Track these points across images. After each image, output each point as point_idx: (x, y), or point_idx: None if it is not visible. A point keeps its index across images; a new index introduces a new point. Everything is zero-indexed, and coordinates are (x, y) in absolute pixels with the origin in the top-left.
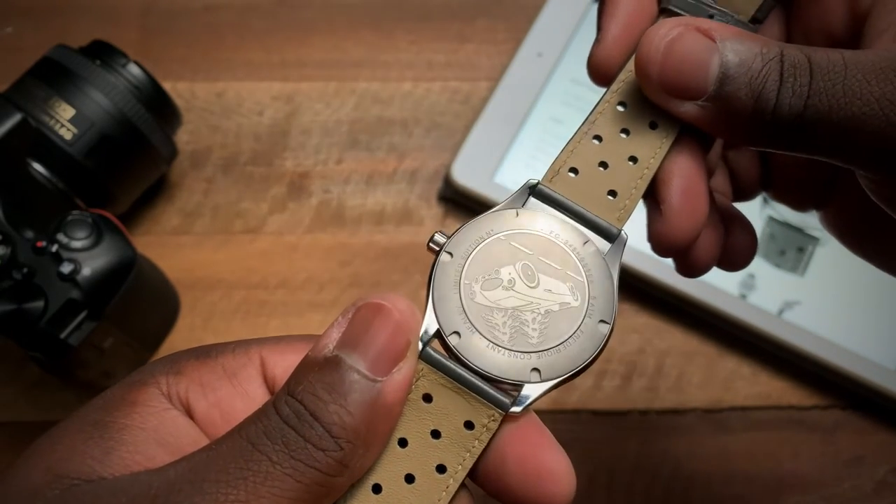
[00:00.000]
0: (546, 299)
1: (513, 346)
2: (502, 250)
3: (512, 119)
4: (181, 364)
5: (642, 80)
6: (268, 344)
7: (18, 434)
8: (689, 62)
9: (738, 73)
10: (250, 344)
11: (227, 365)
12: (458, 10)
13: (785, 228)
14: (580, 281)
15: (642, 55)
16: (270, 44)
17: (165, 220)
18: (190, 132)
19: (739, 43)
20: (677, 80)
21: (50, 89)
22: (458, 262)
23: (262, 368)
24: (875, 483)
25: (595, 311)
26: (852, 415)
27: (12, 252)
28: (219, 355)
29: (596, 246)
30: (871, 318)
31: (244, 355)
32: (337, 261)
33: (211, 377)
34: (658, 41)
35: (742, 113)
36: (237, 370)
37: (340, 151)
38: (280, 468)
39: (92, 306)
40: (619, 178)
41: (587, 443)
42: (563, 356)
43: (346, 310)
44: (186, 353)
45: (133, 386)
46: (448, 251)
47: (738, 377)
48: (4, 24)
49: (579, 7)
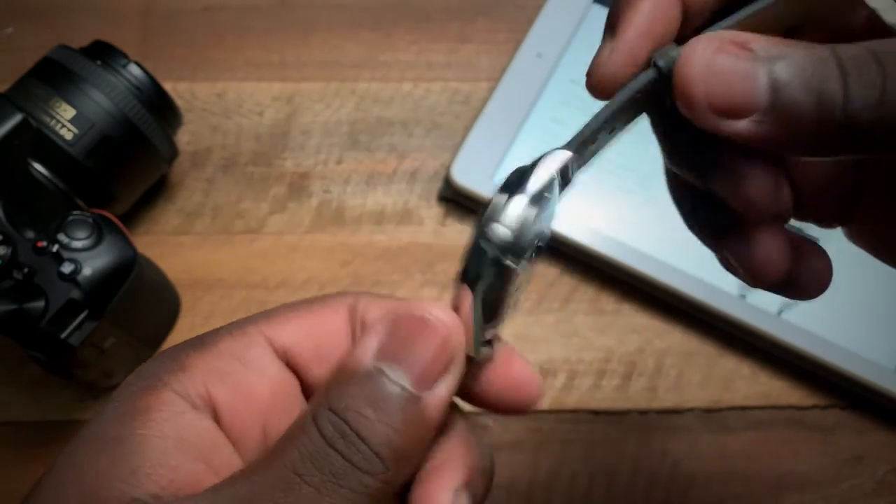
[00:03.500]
0: None
1: None
2: None
3: (512, 119)
4: (183, 359)
5: (687, 104)
6: (262, 321)
7: (18, 434)
8: (736, 76)
9: (792, 77)
10: (243, 325)
11: (231, 349)
12: (458, 10)
13: None
14: None
15: (682, 77)
16: (271, 44)
17: (166, 221)
18: (190, 132)
19: (783, 48)
20: (726, 98)
21: (50, 89)
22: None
23: (268, 344)
24: (875, 483)
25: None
26: (852, 414)
27: (13, 252)
28: (218, 341)
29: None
30: (871, 317)
31: (244, 336)
32: (337, 261)
33: (220, 363)
34: (698, 59)
35: (804, 119)
36: (243, 352)
37: (340, 152)
38: (328, 499)
39: (92, 306)
40: None
41: (586, 443)
42: None
43: (383, 317)
44: (182, 348)
45: (143, 392)
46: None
47: (737, 377)
48: (5, 25)
49: (579, 7)
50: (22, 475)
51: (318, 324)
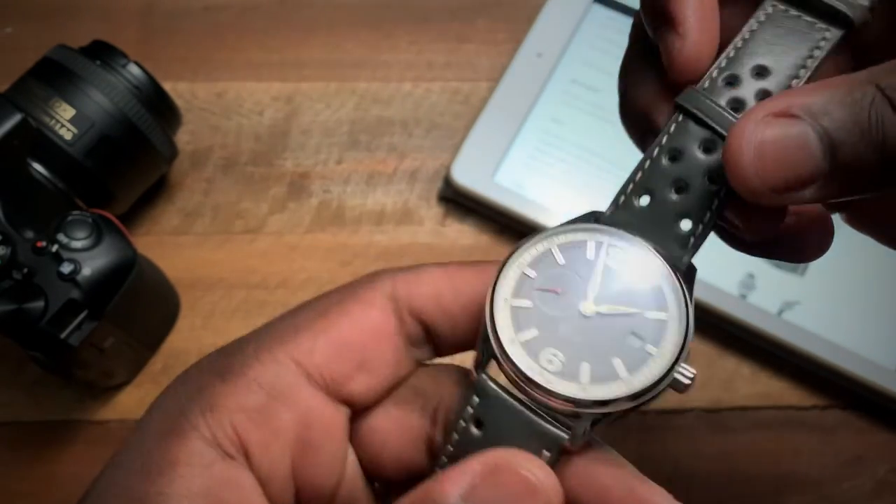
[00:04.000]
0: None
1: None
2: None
3: (512, 119)
4: (209, 393)
5: (745, 191)
6: (290, 339)
7: (18, 434)
8: (788, 153)
9: (845, 134)
10: (271, 345)
11: (261, 378)
12: (458, 10)
13: None
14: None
15: (734, 168)
16: (271, 44)
17: (165, 221)
18: (190, 132)
19: (824, 100)
20: (785, 178)
21: (50, 89)
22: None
23: (300, 370)
24: (875, 483)
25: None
26: (852, 415)
27: (12, 252)
28: (247, 369)
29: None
30: (871, 318)
31: (274, 363)
32: (337, 261)
33: (249, 398)
34: (746, 145)
35: (869, 170)
36: (274, 382)
37: (340, 151)
38: None
39: (92, 306)
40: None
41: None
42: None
43: (480, 458)
44: (207, 374)
45: (169, 438)
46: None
47: (737, 377)
48: (4, 25)
49: (579, 7)
50: (21, 475)
51: (355, 329)
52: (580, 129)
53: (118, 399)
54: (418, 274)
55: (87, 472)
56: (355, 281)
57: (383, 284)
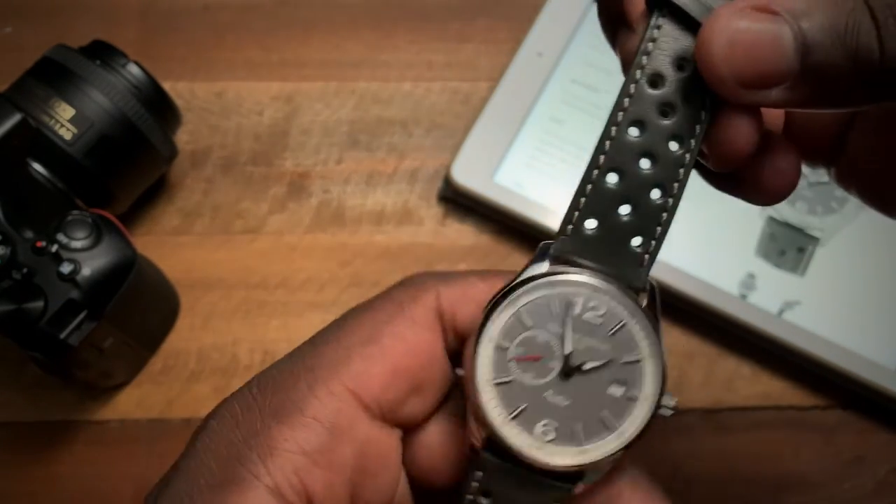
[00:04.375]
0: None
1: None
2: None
3: (512, 119)
4: (266, 436)
5: (713, 81)
6: (342, 367)
7: (18, 434)
8: (761, 45)
9: (823, 36)
10: (325, 377)
11: (320, 416)
12: (458, 9)
13: (785, 228)
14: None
15: (704, 54)
16: (270, 43)
17: (165, 220)
18: (190, 132)
19: (805, 4)
20: (754, 71)
21: (50, 89)
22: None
23: (357, 402)
24: (876, 483)
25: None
26: (853, 415)
27: (12, 252)
28: (304, 406)
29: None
30: (872, 318)
31: (330, 397)
32: (337, 261)
33: (310, 439)
34: (719, 33)
35: (841, 77)
36: (334, 419)
37: (340, 151)
38: None
39: (91, 306)
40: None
41: None
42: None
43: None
44: (260, 412)
45: (229, 488)
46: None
47: (738, 377)
48: (4, 24)
49: (579, 7)
50: (21, 476)
51: (409, 354)
52: (580, 128)
53: (118, 399)
54: (464, 289)
55: (87, 473)
56: (398, 289)
57: (429, 297)
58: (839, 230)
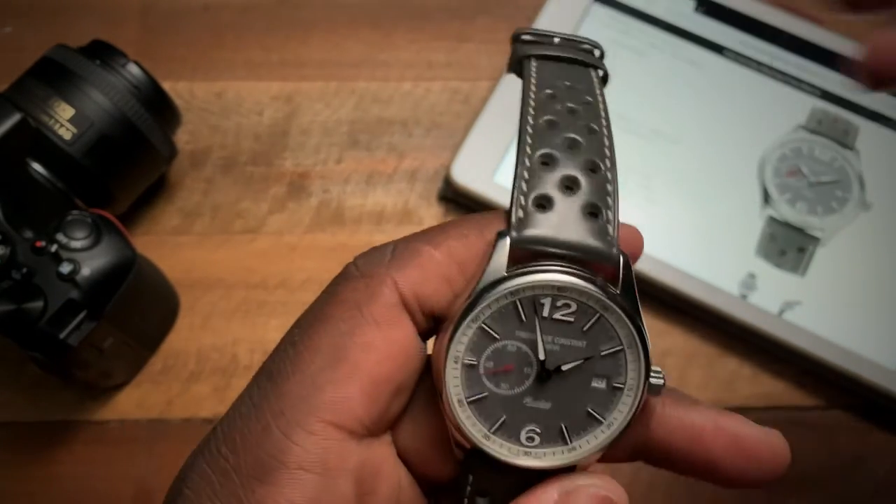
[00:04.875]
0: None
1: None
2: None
3: (512, 119)
4: (253, 502)
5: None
6: (317, 406)
7: (17, 434)
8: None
9: None
10: (299, 418)
11: (306, 464)
12: (458, 9)
13: (786, 229)
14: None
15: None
16: (270, 43)
17: (165, 220)
18: (189, 132)
19: None
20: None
21: (49, 89)
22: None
23: (340, 431)
24: (876, 483)
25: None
26: (853, 415)
27: (11, 252)
28: (285, 457)
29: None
30: (872, 318)
31: (311, 437)
32: (337, 261)
33: (302, 492)
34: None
35: None
36: (322, 460)
37: (340, 151)
38: None
39: (91, 306)
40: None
41: None
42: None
43: (559, 485)
44: (237, 476)
45: None
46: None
47: (738, 377)
48: (4, 24)
49: (580, 6)
50: (20, 476)
51: (384, 363)
52: None
53: (117, 399)
54: (420, 267)
55: (87, 473)
56: (345, 286)
57: (386, 291)
58: (840, 230)
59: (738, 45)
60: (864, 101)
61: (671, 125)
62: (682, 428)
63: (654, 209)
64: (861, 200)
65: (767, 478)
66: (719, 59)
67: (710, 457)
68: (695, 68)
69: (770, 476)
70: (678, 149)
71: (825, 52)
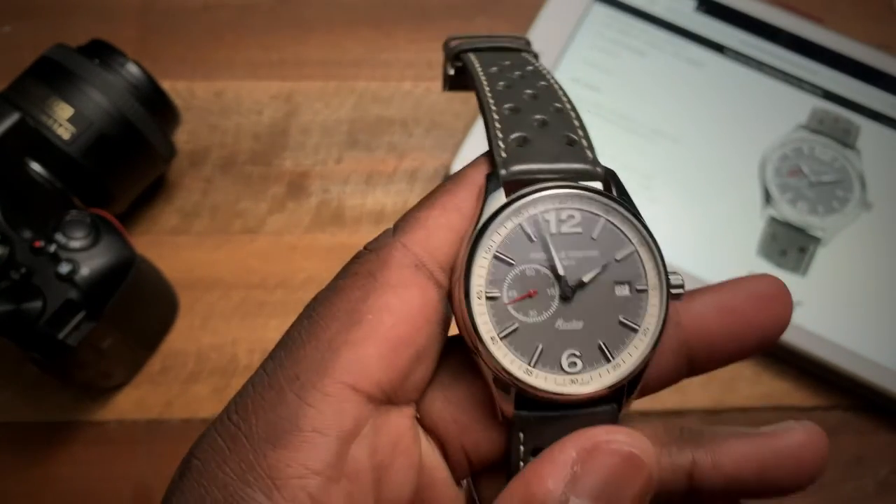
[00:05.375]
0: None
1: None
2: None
3: None
4: (266, 466)
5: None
6: (333, 368)
7: (17, 435)
8: None
9: None
10: (315, 380)
11: (321, 426)
12: (458, 8)
13: (786, 229)
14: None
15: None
16: (270, 43)
17: (164, 220)
18: (188, 131)
19: None
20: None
21: (48, 89)
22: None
23: (358, 394)
24: (877, 484)
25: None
26: (854, 416)
27: (10, 252)
28: (300, 420)
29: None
30: (874, 318)
31: (326, 399)
32: (337, 261)
33: (318, 456)
34: None
35: None
36: (338, 423)
37: (340, 151)
38: None
39: (90, 306)
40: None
41: None
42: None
43: (571, 443)
44: (249, 441)
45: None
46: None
47: (739, 378)
48: (3, 23)
49: (580, 6)
50: (20, 476)
51: (402, 322)
52: None
53: (116, 400)
54: (425, 226)
55: (86, 473)
56: (357, 263)
57: (397, 255)
58: (841, 230)
59: (738, 44)
60: (865, 100)
61: (672, 125)
62: (710, 309)
63: (654, 209)
64: (862, 200)
65: (789, 312)
66: (720, 58)
67: (747, 321)
68: (695, 68)
69: (790, 309)
70: (679, 148)
71: (826, 51)
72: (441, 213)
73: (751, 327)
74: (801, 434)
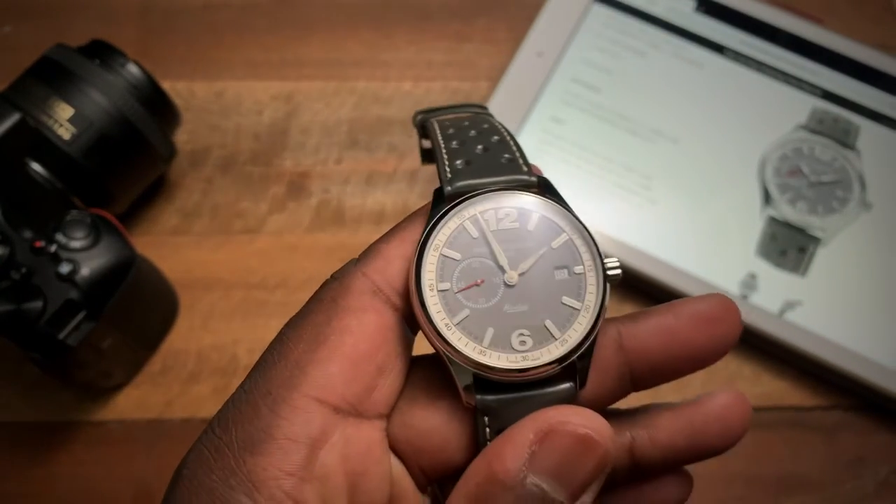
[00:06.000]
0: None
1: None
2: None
3: (512, 119)
4: (245, 471)
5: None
6: (299, 383)
7: (17, 435)
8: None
9: None
10: (284, 395)
11: (292, 435)
12: (457, 9)
13: (786, 229)
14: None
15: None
16: (270, 43)
17: (164, 220)
18: (189, 132)
19: None
20: None
21: (49, 89)
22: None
23: (324, 406)
24: (877, 484)
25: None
26: (854, 415)
27: (11, 252)
28: (273, 430)
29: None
30: (873, 318)
31: (296, 411)
32: (337, 261)
33: (291, 460)
34: None
35: None
36: (307, 431)
37: (340, 151)
38: None
39: (90, 306)
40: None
41: None
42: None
43: (528, 425)
44: (230, 450)
45: None
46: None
47: (739, 378)
48: (3, 23)
49: (580, 6)
50: (20, 476)
51: (362, 340)
52: (580, 128)
53: (116, 400)
54: (382, 256)
55: (86, 473)
56: (323, 289)
57: (356, 281)
58: (840, 230)
59: (738, 44)
60: (865, 101)
61: (671, 125)
62: (650, 333)
63: (654, 209)
64: (862, 200)
65: (734, 333)
66: (719, 58)
67: (687, 342)
68: (695, 68)
69: (736, 329)
70: (679, 149)
71: (826, 51)
72: (399, 245)
73: (690, 349)
74: (725, 397)
